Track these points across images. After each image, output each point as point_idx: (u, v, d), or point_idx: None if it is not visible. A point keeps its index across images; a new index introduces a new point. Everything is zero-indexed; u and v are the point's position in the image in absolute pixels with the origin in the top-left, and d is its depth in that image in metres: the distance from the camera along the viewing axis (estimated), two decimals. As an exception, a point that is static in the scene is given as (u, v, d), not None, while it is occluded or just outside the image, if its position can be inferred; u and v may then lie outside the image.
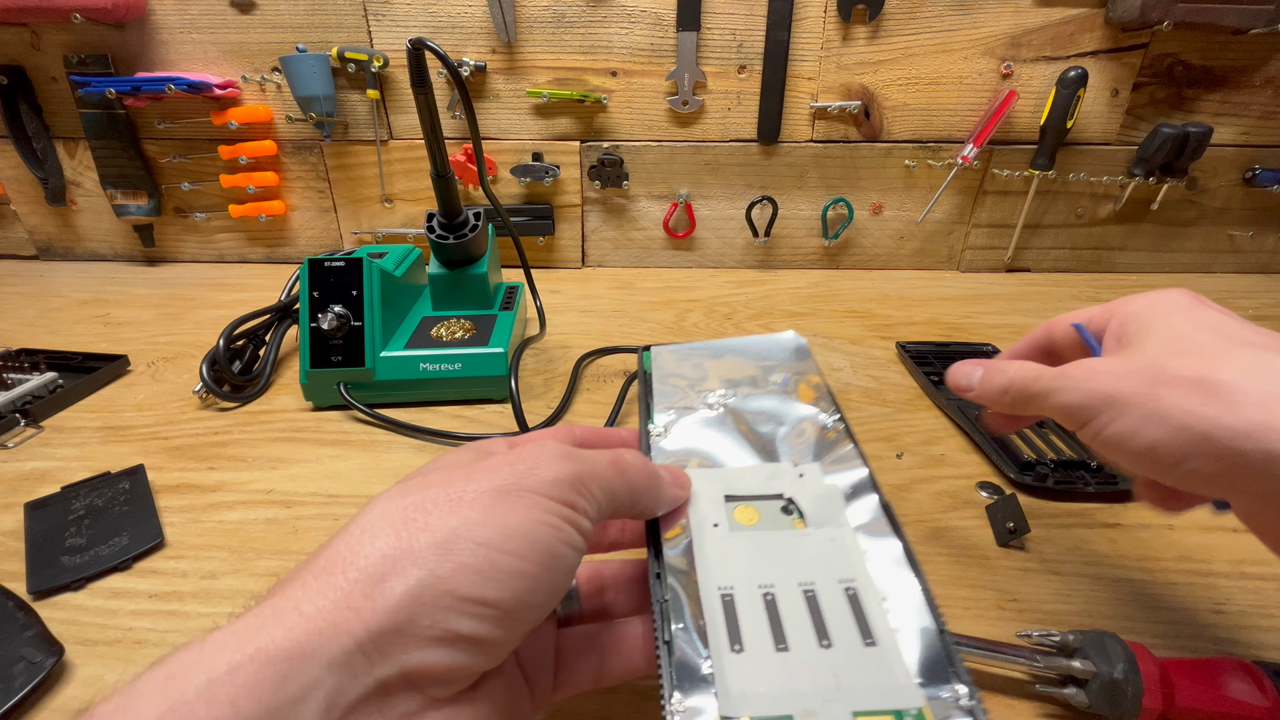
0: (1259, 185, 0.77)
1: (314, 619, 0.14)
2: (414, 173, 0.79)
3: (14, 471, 0.42)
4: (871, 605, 0.19)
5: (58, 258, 0.87)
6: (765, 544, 0.21)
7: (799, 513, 0.23)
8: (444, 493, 0.17)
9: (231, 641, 0.13)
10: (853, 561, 0.20)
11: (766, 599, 0.19)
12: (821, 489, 0.23)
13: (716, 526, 0.22)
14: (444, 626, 0.15)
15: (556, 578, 0.17)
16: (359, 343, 0.48)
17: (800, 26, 0.72)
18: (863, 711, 0.16)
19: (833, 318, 0.68)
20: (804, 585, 0.20)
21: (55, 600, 0.32)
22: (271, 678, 0.13)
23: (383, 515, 0.17)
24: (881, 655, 0.17)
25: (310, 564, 0.16)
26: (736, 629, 0.18)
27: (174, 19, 0.73)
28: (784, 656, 0.18)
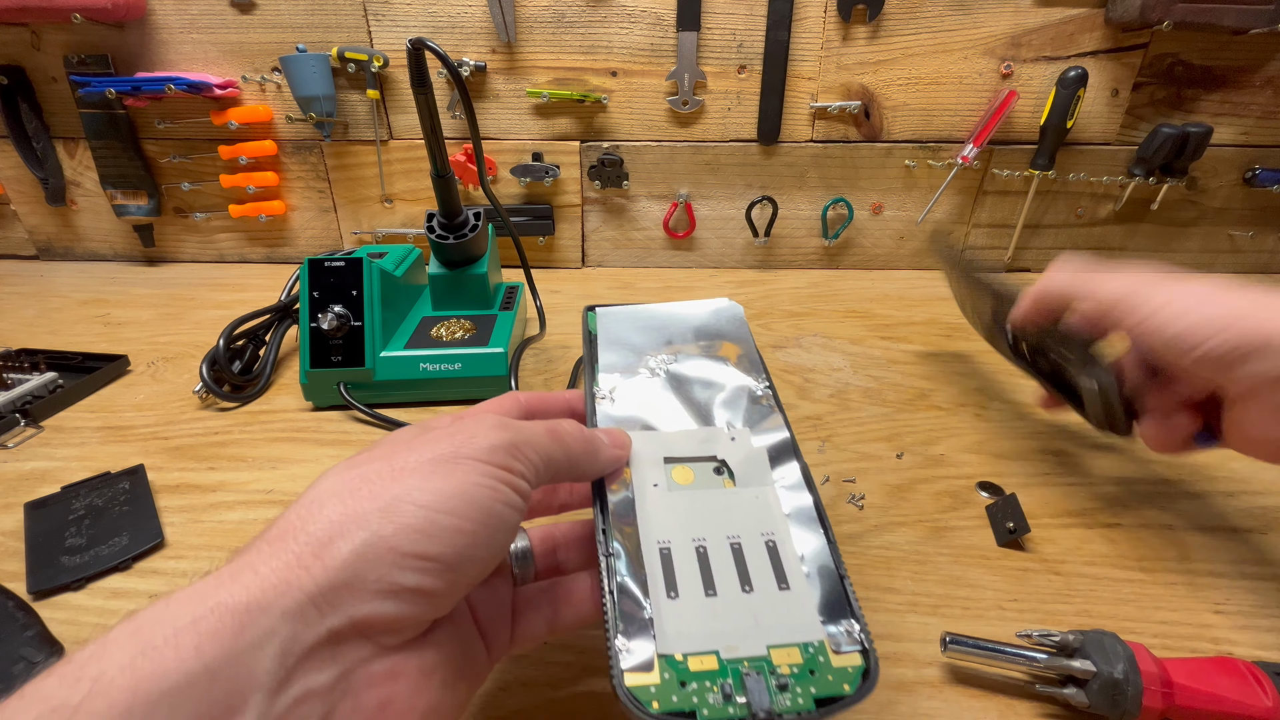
0: (1259, 185, 0.77)
1: (268, 577, 0.15)
2: (414, 173, 0.79)
3: (14, 471, 0.42)
4: (787, 555, 0.22)
5: (58, 258, 0.87)
6: (699, 501, 0.24)
7: (729, 473, 0.26)
8: (387, 465, 0.19)
9: (194, 598, 0.15)
10: (774, 516, 0.24)
11: (699, 551, 0.22)
12: (750, 451, 0.26)
13: (656, 486, 0.24)
14: (388, 580, 0.16)
15: (495, 534, 0.19)
16: (359, 343, 0.48)
17: (800, 26, 0.72)
18: (775, 644, 0.20)
19: (833, 318, 0.68)
20: (731, 538, 0.23)
21: (55, 600, 0.32)
22: (231, 627, 0.14)
23: (330, 487, 0.18)
24: (792, 598, 0.21)
25: (265, 534, 0.17)
26: (673, 578, 0.21)
27: (174, 19, 0.73)
28: (712, 601, 0.21)
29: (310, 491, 0.18)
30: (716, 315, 0.33)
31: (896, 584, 0.33)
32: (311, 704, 0.15)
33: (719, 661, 0.19)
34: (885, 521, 0.37)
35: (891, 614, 0.31)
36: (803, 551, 0.22)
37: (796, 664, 0.19)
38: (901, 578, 0.33)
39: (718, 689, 0.18)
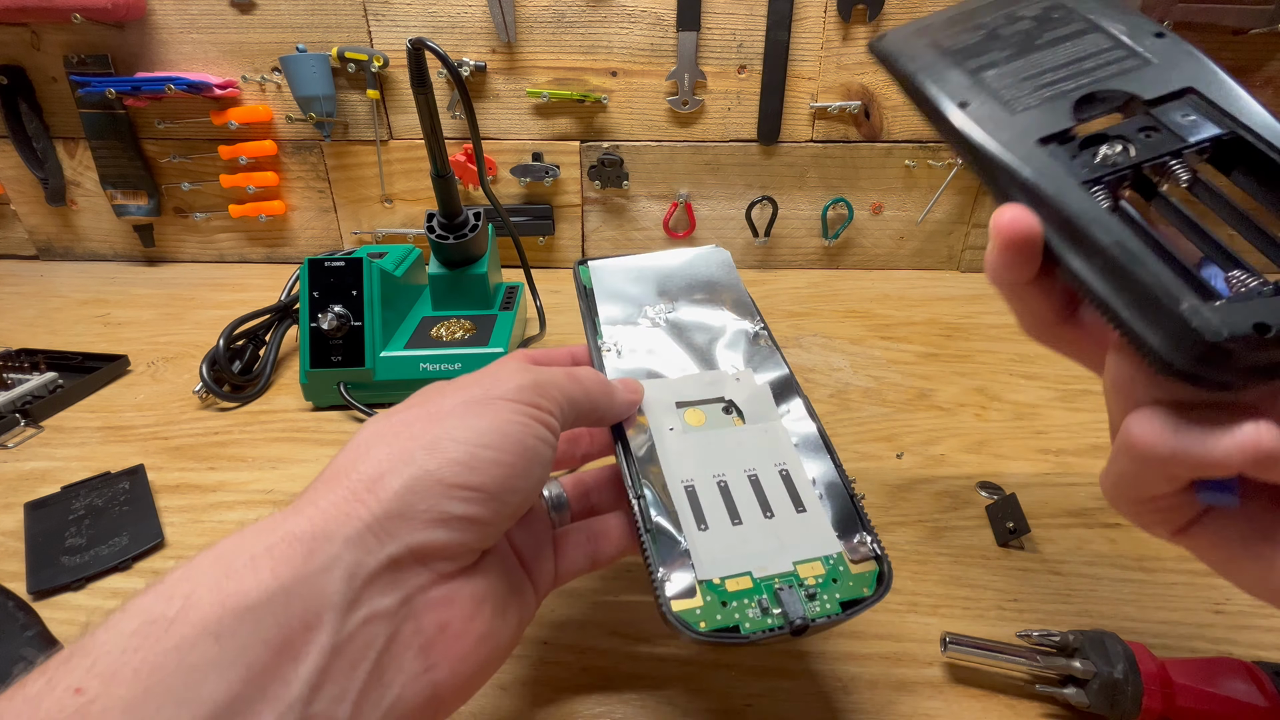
0: (1259, 185, 0.77)
1: (328, 510, 0.17)
2: (414, 173, 0.79)
3: (14, 471, 0.42)
4: (800, 481, 0.24)
5: (58, 258, 0.87)
6: (713, 441, 0.26)
7: (738, 412, 0.27)
8: (424, 410, 0.20)
9: (264, 530, 0.16)
10: (784, 448, 0.25)
11: (720, 485, 0.24)
12: (755, 389, 0.28)
13: (672, 430, 0.26)
14: (438, 509, 0.18)
15: (532, 466, 0.20)
16: (359, 343, 0.48)
17: (800, 26, 0.72)
18: (800, 560, 0.22)
19: (833, 318, 0.68)
20: (748, 471, 0.25)
21: (55, 600, 0.32)
22: (300, 553, 0.15)
23: (375, 432, 0.20)
24: (810, 519, 0.23)
25: (319, 478, 0.19)
26: (700, 512, 0.23)
27: (174, 19, 0.73)
28: (739, 529, 0.23)
29: (356, 439, 0.20)
30: (706, 262, 0.34)
31: (896, 584, 0.32)
32: (378, 624, 0.16)
33: (753, 581, 0.21)
34: (885, 521, 0.37)
35: (891, 614, 0.31)
36: (813, 476, 0.25)
37: (820, 575, 0.22)
38: (901, 578, 0.33)
39: (755, 605, 0.21)
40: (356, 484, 0.18)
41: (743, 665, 0.28)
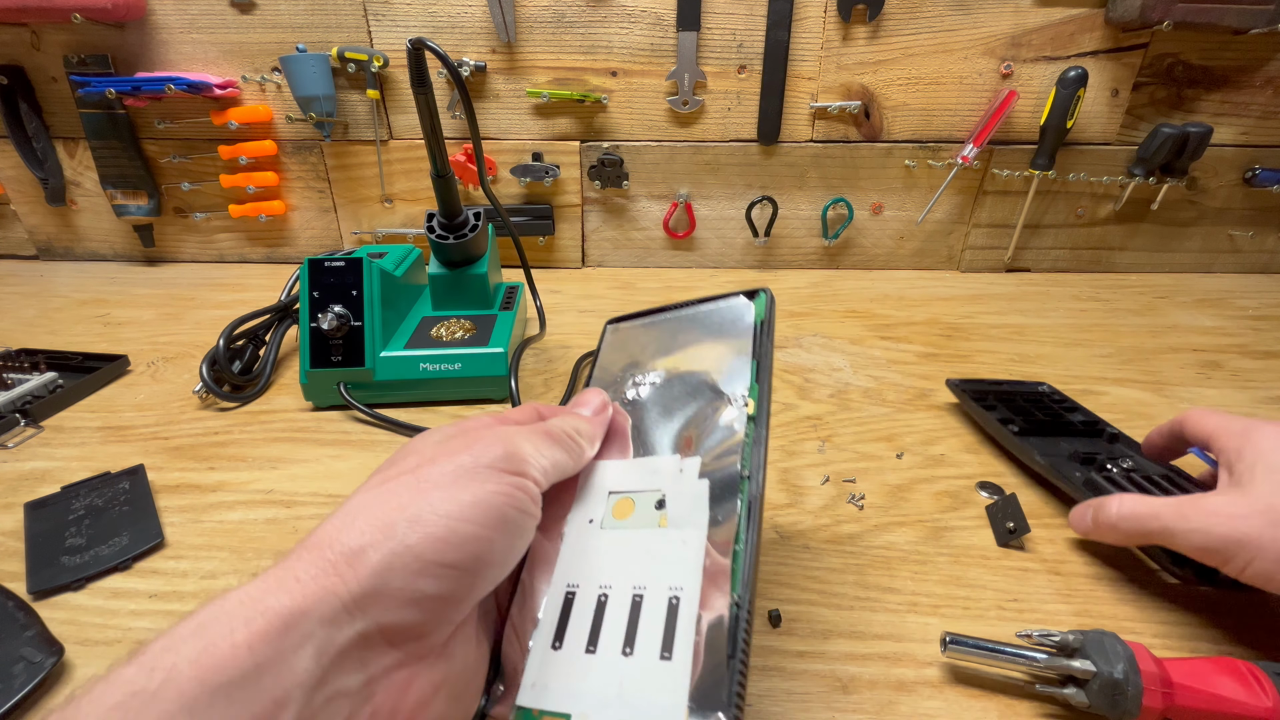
0: (1259, 185, 0.77)
1: (308, 585, 0.17)
2: (414, 173, 0.79)
3: (14, 471, 0.42)
4: (685, 619, 0.20)
5: (58, 258, 0.87)
6: (624, 542, 0.23)
7: (665, 511, 0.23)
8: (414, 478, 0.20)
9: (247, 601, 0.16)
10: (690, 568, 0.21)
11: (600, 600, 0.21)
12: (691, 486, 0.23)
13: (591, 522, 0.24)
14: (412, 588, 0.18)
15: (511, 539, 0.20)
16: (359, 343, 0.48)
17: (800, 26, 0.72)
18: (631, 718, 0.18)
19: (833, 318, 0.68)
20: (637, 589, 0.21)
21: (55, 600, 0.32)
22: (278, 630, 0.16)
23: (363, 501, 0.20)
24: (669, 672, 0.19)
25: (304, 543, 0.19)
26: (564, 628, 0.21)
27: (174, 19, 0.73)
28: (590, 659, 0.20)
29: (345, 505, 0.20)
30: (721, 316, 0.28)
31: (896, 584, 0.33)
32: (340, 703, 0.17)
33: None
34: (885, 521, 0.37)
35: (891, 614, 0.31)
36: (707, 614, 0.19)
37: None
38: (901, 578, 0.33)
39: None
40: (338, 557, 0.18)
41: (743, 665, 0.28)
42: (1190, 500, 0.28)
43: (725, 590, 0.20)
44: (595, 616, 0.21)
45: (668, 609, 0.20)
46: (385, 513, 0.19)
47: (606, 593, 0.21)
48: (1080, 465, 0.39)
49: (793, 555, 0.35)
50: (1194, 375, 0.55)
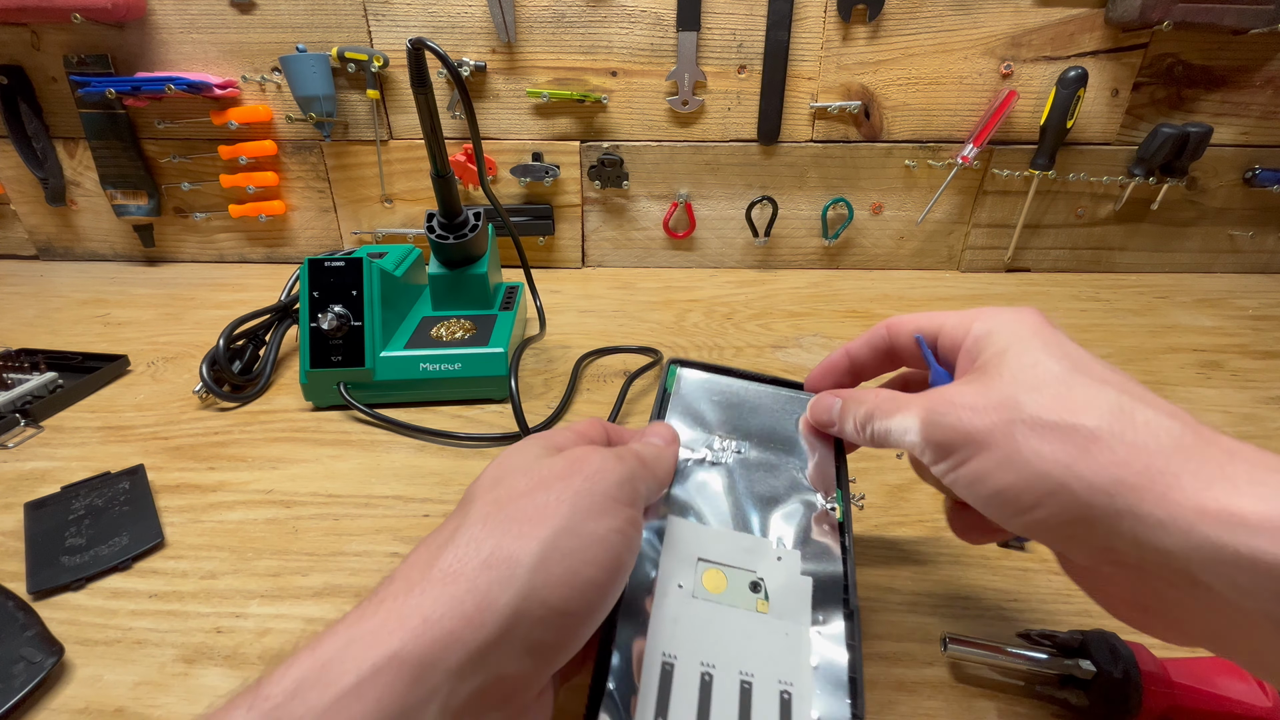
0: (1259, 185, 0.77)
1: (437, 627, 0.16)
2: (414, 173, 0.79)
3: (14, 471, 0.42)
4: (798, 714, 0.19)
5: (58, 258, 0.87)
6: (721, 620, 0.21)
7: (766, 594, 0.22)
8: (531, 502, 0.19)
9: (372, 641, 0.15)
10: (799, 664, 0.20)
11: (704, 679, 0.19)
12: (794, 579, 0.22)
13: (681, 588, 0.22)
14: (531, 638, 0.17)
15: (622, 583, 0.20)
16: (359, 343, 0.48)
17: (800, 26, 0.72)
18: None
19: (833, 318, 0.68)
20: (744, 675, 0.20)
21: (55, 600, 0.32)
22: (406, 681, 0.15)
23: (483, 522, 0.18)
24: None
25: (426, 569, 0.17)
26: (666, 703, 0.19)
27: (174, 19, 0.73)
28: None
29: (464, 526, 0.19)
30: (799, 408, 0.29)
31: (896, 584, 0.33)
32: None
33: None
34: (885, 521, 0.37)
35: (891, 614, 0.31)
36: (818, 716, 0.19)
37: None
38: (901, 578, 0.33)
39: None
40: (466, 594, 0.16)
41: (743, 665, 0.28)
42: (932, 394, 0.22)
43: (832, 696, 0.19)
44: (701, 697, 0.19)
45: (780, 703, 0.19)
46: (509, 540, 0.18)
47: (710, 672, 0.20)
48: None
49: (793, 555, 0.34)
50: (1194, 375, 0.55)
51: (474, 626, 0.16)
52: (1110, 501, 0.17)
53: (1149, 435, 0.18)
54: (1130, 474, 0.17)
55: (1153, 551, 0.17)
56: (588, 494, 0.19)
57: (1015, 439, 0.19)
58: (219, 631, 0.30)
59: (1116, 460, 0.17)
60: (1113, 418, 0.18)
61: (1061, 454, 0.18)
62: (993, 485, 0.19)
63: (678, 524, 0.23)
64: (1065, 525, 0.18)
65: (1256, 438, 0.46)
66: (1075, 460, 0.18)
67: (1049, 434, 0.19)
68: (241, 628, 0.30)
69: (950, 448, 0.21)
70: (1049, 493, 0.18)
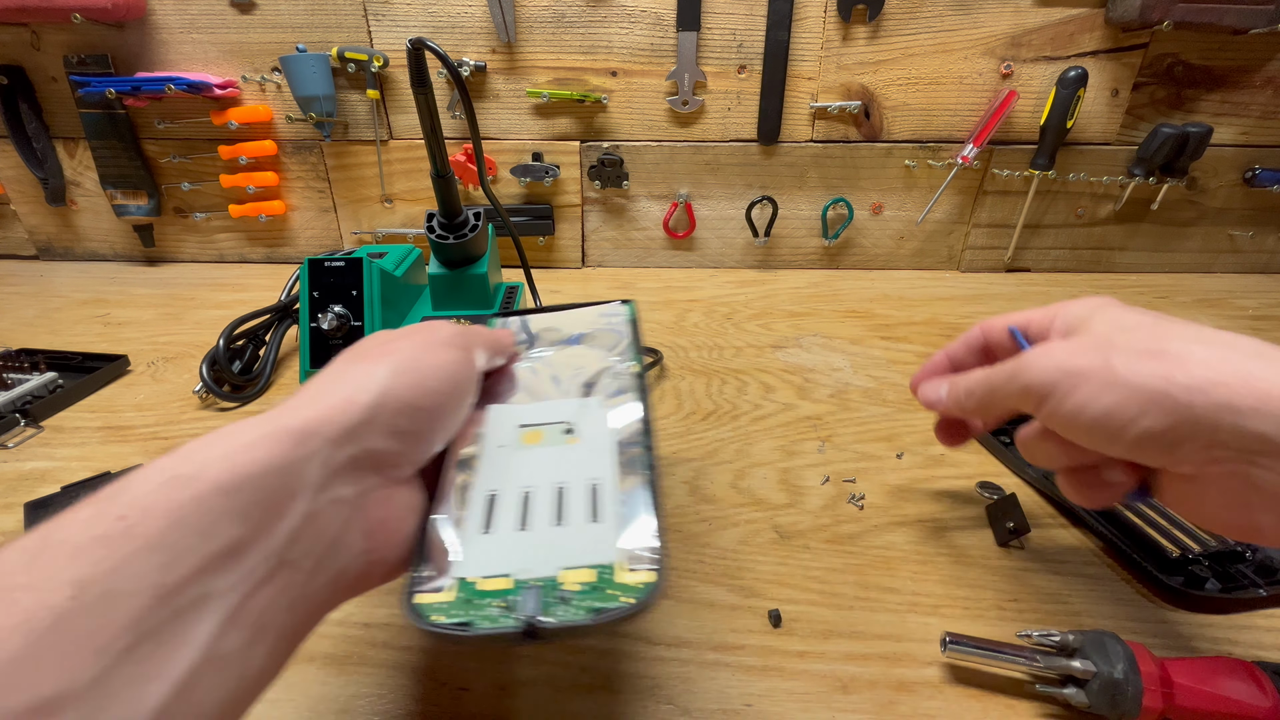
0: (1259, 185, 0.77)
1: (314, 411, 0.21)
2: (414, 173, 0.79)
3: (14, 471, 0.42)
4: (606, 495, 0.23)
5: (58, 258, 0.87)
6: (538, 456, 0.26)
7: (575, 433, 0.27)
8: (384, 348, 0.25)
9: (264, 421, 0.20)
10: (605, 465, 0.25)
11: (525, 495, 0.24)
12: (597, 414, 0.28)
13: (502, 447, 0.26)
14: (393, 423, 0.22)
15: (461, 400, 0.26)
16: (359, 343, 0.48)
17: (800, 26, 0.72)
18: (568, 566, 0.21)
19: (833, 318, 0.68)
20: (558, 483, 0.24)
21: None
22: (290, 442, 0.19)
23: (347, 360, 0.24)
24: (601, 529, 0.22)
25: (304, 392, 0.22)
26: (490, 518, 0.23)
27: (174, 19, 0.73)
28: (522, 535, 0.22)
29: (329, 369, 0.24)
30: (606, 316, 0.35)
31: (896, 584, 0.33)
32: (339, 507, 0.20)
33: (514, 583, 0.20)
34: (885, 521, 0.37)
35: (891, 614, 0.31)
36: (628, 491, 0.23)
37: (587, 582, 0.20)
38: (901, 578, 0.33)
39: (502, 604, 0.20)
40: (335, 398, 0.21)
41: (742, 665, 0.28)
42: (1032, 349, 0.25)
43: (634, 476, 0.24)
44: (522, 506, 0.23)
45: (590, 491, 0.24)
46: (370, 368, 0.23)
47: (530, 490, 0.24)
48: None
49: (793, 555, 0.35)
50: (1194, 375, 0.55)
51: (344, 411, 0.21)
52: (1208, 399, 0.20)
53: (1229, 348, 0.21)
54: (1222, 375, 0.20)
55: (1252, 438, 0.19)
56: (427, 341, 0.26)
57: (1114, 365, 0.22)
58: (219, 631, 0.30)
59: (1208, 366, 0.20)
60: (1196, 341, 0.21)
61: (1159, 368, 0.21)
62: (1097, 409, 0.22)
63: (496, 409, 0.29)
64: (1170, 430, 0.21)
65: (1256, 438, 0.46)
66: (1172, 371, 0.21)
67: (1144, 357, 0.21)
68: (241, 628, 0.30)
69: (1052, 386, 0.23)
70: (1152, 402, 0.21)
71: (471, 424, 0.27)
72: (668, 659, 0.29)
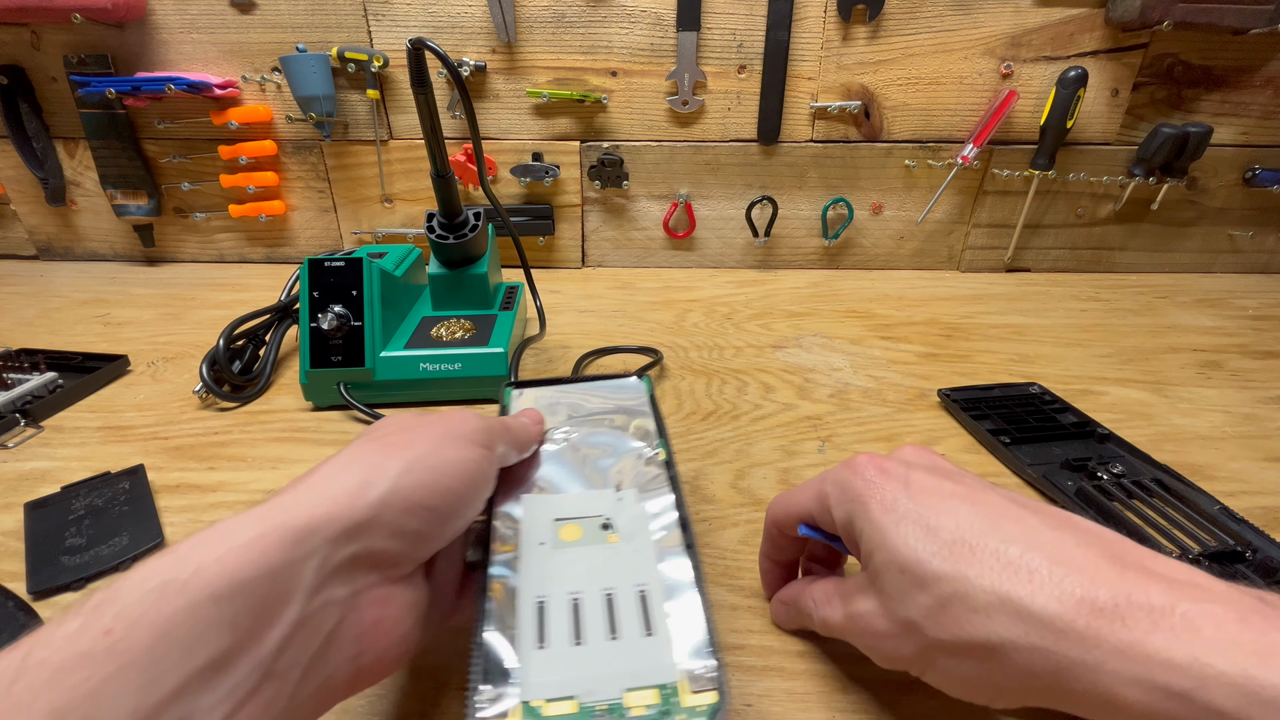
0: (1259, 185, 0.77)
1: (320, 508, 0.20)
2: (414, 173, 0.79)
3: (14, 471, 0.42)
4: (655, 604, 0.23)
5: (58, 258, 0.87)
6: (581, 558, 0.26)
7: (614, 529, 0.27)
8: (400, 438, 0.24)
9: (266, 515, 0.19)
10: (648, 568, 0.25)
11: (574, 603, 0.23)
12: (634, 510, 0.28)
13: (542, 545, 0.26)
14: (399, 524, 0.21)
15: (477, 498, 0.25)
16: (359, 343, 0.48)
17: (800, 26, 0.72)
18: (632, 687, 0.21)
19: (833, 318, 0.68)
20: (606, 589, 0.24)
21: (55, 600, 0.32)
22: (289, 542, 0.19)
23: (357, 453, 0.24)
24: (656, 643, 0.22)
25: (303, 480, 0.22)
26: (543, 630, 0.22)
27: (174, 19, 0.73)
28: (579, 650, 0.22)
29: (340, 455, 0.24)
30: (622, 392, 0.36)
31: (896, 584, 0.33)
32: (331, 610, 0.20)
33: (578, 706, 0.20)
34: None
35: (891, 614, 0.31)
36: (674, 600, 0.23)
37: (652, 704, 0.20)
38: (901, 578, 0.33)
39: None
40: (342, 490, 0.21)
41: (742, 665, 0.28)
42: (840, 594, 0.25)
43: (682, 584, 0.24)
44: (574, 616, 0.23)
45: (639, 600, 0.24)
46: (382, 460, 0.23)
47: (578, 597, 0.24)
48: (1071, 473, 0.40)
49: (793, 555, 0.34)
50: (1194, 375, 0.55)
51: (349, 508, 0.20)
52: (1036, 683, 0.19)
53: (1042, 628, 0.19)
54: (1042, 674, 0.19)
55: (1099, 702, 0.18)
56: (447, 434, 0.25)
57: (939, 666, 0.21)
58: (219, 631, 0.30)
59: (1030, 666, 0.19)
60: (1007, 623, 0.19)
61: (982, 671, 0.20)
62: (956, 692, 0.22)
63: (531, 499, 0.29)
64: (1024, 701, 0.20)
65: (1256, 437, 0.46)
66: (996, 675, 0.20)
67: (962, 657, 0.20)
68: (241, 628, 0.30)
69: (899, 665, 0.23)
70: (998, 693, 0.21)
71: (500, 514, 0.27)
72: (668, 659, 0.29)
